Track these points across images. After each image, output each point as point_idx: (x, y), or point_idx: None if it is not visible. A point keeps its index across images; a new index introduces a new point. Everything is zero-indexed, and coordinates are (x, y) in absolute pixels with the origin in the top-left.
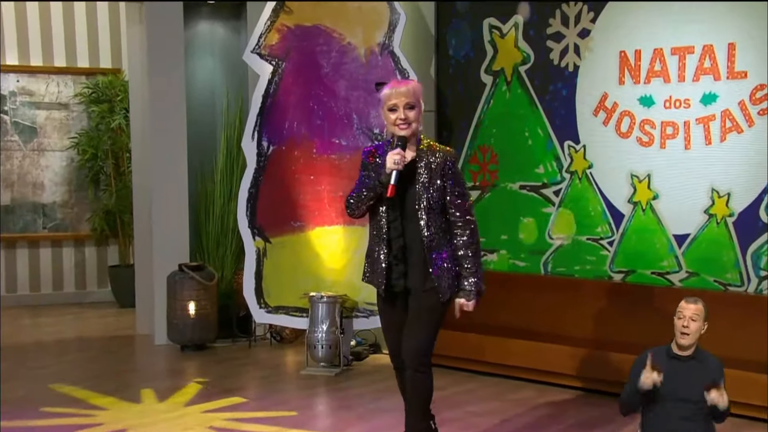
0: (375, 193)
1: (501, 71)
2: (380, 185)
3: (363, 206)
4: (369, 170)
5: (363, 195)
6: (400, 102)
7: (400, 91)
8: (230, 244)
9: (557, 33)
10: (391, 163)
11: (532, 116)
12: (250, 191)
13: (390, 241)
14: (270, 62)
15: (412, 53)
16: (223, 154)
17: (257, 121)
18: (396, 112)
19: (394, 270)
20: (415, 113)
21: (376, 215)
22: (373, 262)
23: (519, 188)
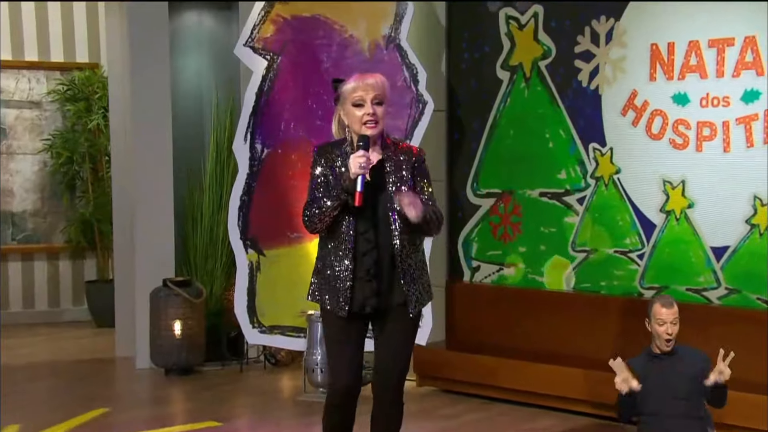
0: (340, 201)
1: (519, 66)
2: (345, 193)
3: (327, 218)
4: (325, 172)
5: (326, 206)
6: (367, 96)
7: (368, 83)
8: (220, 257)
9: (580, 24)
10: (356, 167)
11: (553, 116)
12: (242, 199)
13: (359, 255)
14: (264, 57)
15: (420, 47)
16: (212, 158)
17: (250, 122)
18: (363, 108)
19: (361, 289)
20: (383, 110)
21: (338, 226)
22: (331, 280)
23: (539, 196)
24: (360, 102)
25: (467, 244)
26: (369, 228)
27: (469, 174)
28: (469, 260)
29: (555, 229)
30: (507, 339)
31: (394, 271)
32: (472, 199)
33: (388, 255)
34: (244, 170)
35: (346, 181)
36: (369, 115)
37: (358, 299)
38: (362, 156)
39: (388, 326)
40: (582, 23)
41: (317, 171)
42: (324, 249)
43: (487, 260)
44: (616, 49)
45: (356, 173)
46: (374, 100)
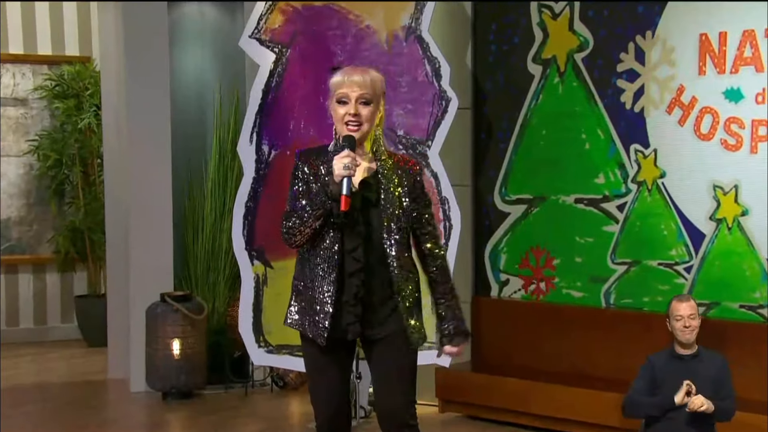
0: (324, 209)
1: (552, 60)
2: (328, 198)
3: (308, 230)
4: (308, 179)
5: (307, 215)
6: (352, 93)
7: (354, 79)
8: (223, 270)
9: (620, 13)
10: (341, 168)
11: (590, 114)
12: (248, 205)
13: (345, 276)
14: (272, 49)
15: (444, 38)
16: (214, 161)
17: (256, 121)
18: (346, 106)
19: (345, 313)
20: (370, 111)
21: (322, 242)
22: (312, 303)
23: (574, 202)
24: (344, 99)
25: (495, 256)
26: (358, 245)
27: (496, 178)
28: (497, 273)
29: (592, 239)
30: (539, 360)
31: (386, 294)
32: (500, 205)
33: (380, 278)
34: (249, 174)
35: (329, 186)
36: (351, 115)
37: (341, 325)
38: (347, 156)
39: (382, 357)
40: (622, 12)
41: (298, 178)
42: (305, 268)
43: (517, 273)
44: (660, 43)
45: (341, 175)
46: (360, 99)
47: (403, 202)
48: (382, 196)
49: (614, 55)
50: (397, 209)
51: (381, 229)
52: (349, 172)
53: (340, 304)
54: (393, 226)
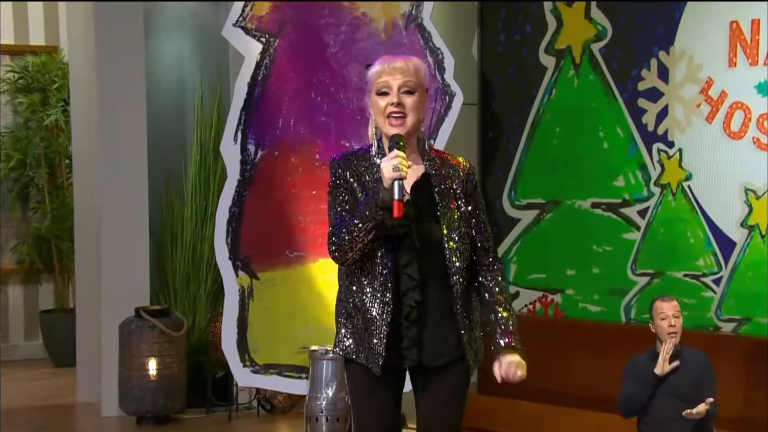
0: (375, 221)
1: (567, 50)
2: (379, 208)
3: (359, 245)
4: (352, 187)
5: (357, 228)
6: (393, 81)
7: (396, 65)
8: (205, 282)
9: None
10: (391, 170)
11: (609, 110)
12: (232, 211)
13: (400, 294)
14: (258, 39)
15: (447, 27)
16: (195, 162)
17: (241, 118)
18: (387, 96)
19: (399, 337)
20: (415, 101)
21: (373, 259)
22: (367, 326)
23: (591, 207)
24: (385, 89)
25: (504, 265)
26: (412, 260)
27: (506, 180)
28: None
29: (611, 247)
30: (553, 381)
31: (444, 315)
32: (509, 210)
33: (437, 294)
34: (234, 176)
35: (379, 194)
36: (393, 105)
37: (396, 350)
38: (396, 156)
39: (434, 383)
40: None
41: (341, 186)
42: (352, 287)
43: (528, 285)
44: (687, 32)
45: (391, 178)
46: (403, 88)
47: (460, 206)
48: (437, 201)
49: (635, 46)
50: (456, 212)
51: (439, 238)
52: (400, 174)
53: (395, 327)
54: (453, 234)
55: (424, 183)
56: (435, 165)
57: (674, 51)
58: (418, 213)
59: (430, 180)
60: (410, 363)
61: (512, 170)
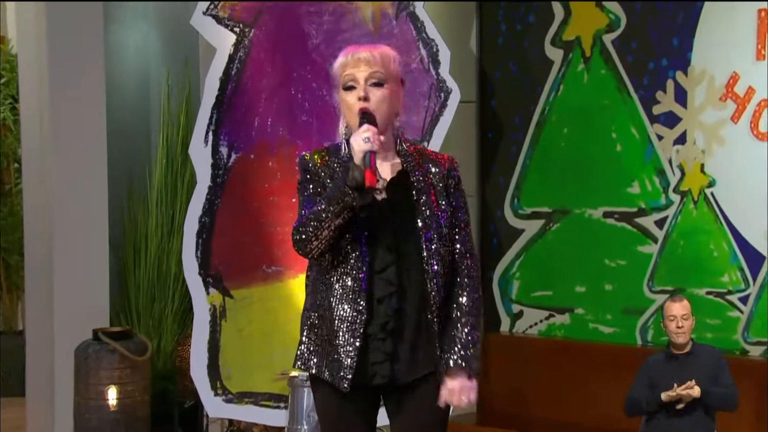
0: (344, 202)
1: (576, 42)
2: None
3: (326, 232)
4: (323, 181)
5: (326, 209)
6: (359, 73)
7: (360, 56)
8: (171, 300)
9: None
10: (360, 141)
11: (622, 108)
12: (202, 221)
13: (374, 301)
14: (232, 29)
15: (443, 16)
16: (161, 166)
17: (212, 117)
18: (354, 91)
19: (372, 351)
20: (385, 94)
21: (344, 262)
22: (332, 338)
23: (603, 216)
24: (351, 83)
25: (506, 282)
26: (389, 263)
27: (507, 187)
28: (508, 304)
29: (625, 261)
30: (561, 410)
31: (421, 326)
32: (512, 220)
33: (415, 303)
34: (204, 182)
35: (349, 172)
36: (360, 100)
37: (366, 366)
38: (367, 129)
39: (410, 404)
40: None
41: (310, 180)
42: (320, 293)
43: (533, 304)
44: (711, 21)
45: (362, 149)
46: (370, 80)
47: (441, 204)
48: (414, 198)
49: (652, 36)
50: (436, 210)
51: (417, 240)
52: (371, 146)
53: (366, 339)
54: (432, 234)
55: (400, 180)
56: (413, 161)
57: (696, 42)
58: (396, 212)
59: (408, 177)
60: (381, 380)
61: (515, 176)
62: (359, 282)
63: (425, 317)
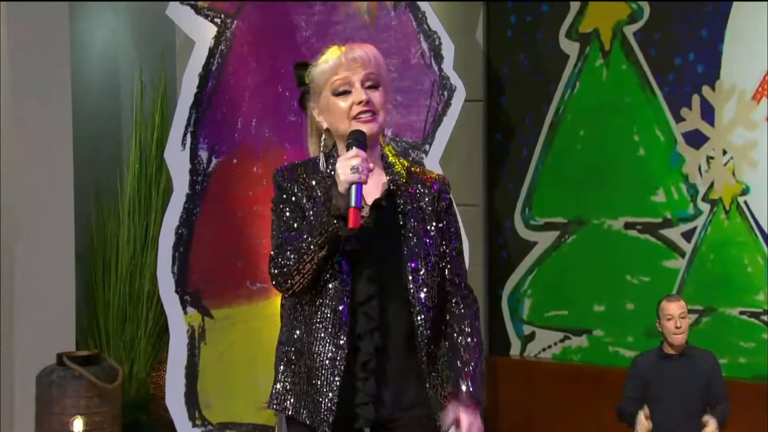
0: (328, 233)
1: (594, 34)
2: (333, 217)
3: (308, 265)
4: (300, 202)
5: (306, 242)
6: (355, 76)
7: (355, 55)
8: (144, 321)
9: None
10: (348, 171)
11: (646, 107)
12: (179, 233)
13: (356, 336)
14: (212, 20)
15: (447, 6)
16: (133, 172)
17: (191, 117)
18: (350, 95)
19: (354, 390)
20: (383, 98)
21: (323, 294)
22: (310, 377)
23: (624, 227)
24: (345, 87)
25: (516, 301)
26: (372, 295)
27: (518, 195)
28: (518, 324)
29: (649, 278)
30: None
31: (409, 368)
32: (523, 232)
33: (401, 340)
34: (181, 189)
35: (333, 200)
36: (361, 104)
37: (348, 407)
38: (356, 156)
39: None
40: None
41: (287, 201)
42: (296, 330)
43: (546, 325)
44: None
45: (349, 180)
46: (366, 82)
47: (429, 227)
48: (401, 223)
49: (678, 29)
50: (425, 236)
51: (402, 269)
52: (359, 177)
53: (347, 377)
54: (419, 264)
55: (385, 200)
56: (400, 179)
57: (727, 34)
58: (379, 237)
59: (395, 198)
60: (364, 424)
61: (526, 182)
62: (339, 315)
63: (413, 356)
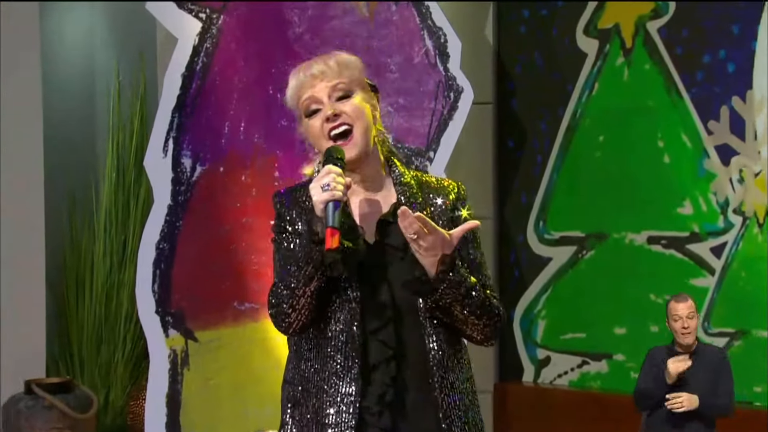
0: (313, 260)
1: (614, 30)
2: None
3: (302, 300)
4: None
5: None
6: (320, 92)
7: (313, 71)
8: (122, 344)
9: None
10: (319, 191)
11: (671, 111)
12: (160, 248)
13: (370, 367)
14: (197, 15)
15: (454, 1)
16: (110, 181)
17: (173, 122)
18: (318, 114)
19: (369, 426)
20: (357, 106)
21: (332, 322)
22: (320, 413)
23: (647, 242)
24: (314, 106)
25: (529, 322)
26: (385, 323)
27: (531, 206)
28: (532, 348)
29: None
30: None
31: (425, 397)
32: (536, 247)
33: (418, 368)
34: (163, 201)
35: (314, 226)
36: (329, 120)
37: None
38: (327, 173)
39: None
40: None
41: (286, 231)
42: (303, 364)
43: (562, 348)
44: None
45: (322, 200)
46: (333, 94)
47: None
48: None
49: (707, 24)
50: None
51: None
52: (332, 194)
53: (360, 414)
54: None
55: (394, 216)
56: (409, 191)
57: (762, 29)
58: (389, 257)
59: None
60: None
61: (540, 192)
62: (351, 345)
63: (427, 384)
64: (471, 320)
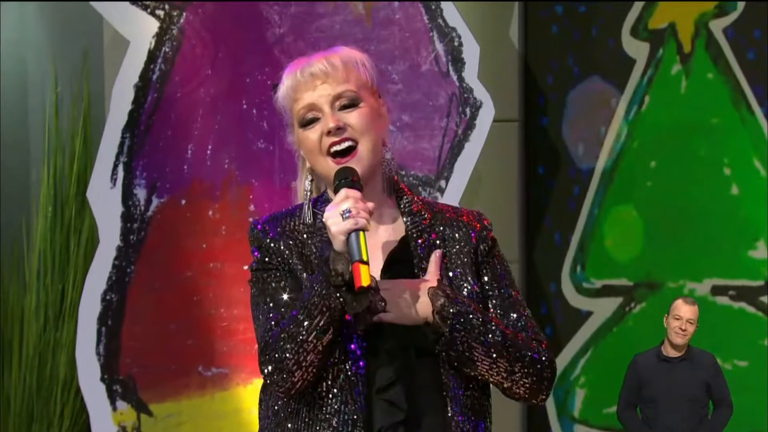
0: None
1: (669, 31)
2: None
3: (311, 354)
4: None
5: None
6: (320, 97)
7: (313, 70)
8: (59, 419)
9: None
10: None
11: (741, 130)
12: (107, 299)
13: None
14: (153, 12)
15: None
16: (44, 217)
17: (124, 144)
18: (319, 123)
19: None
20: (365, 117)
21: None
22: None
23: (711, 293)
24: (312, 114)
25: (564, 392)
26: (394, 379)
27: (566, 248)
28: (568, 424)
29: (746, 362)
30: None
31: None
32: (573, 299)
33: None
34: (110, 241)
35: (330, 264)
36: (330, 134)
37: None
38: (345, 198)
39: None
40: None
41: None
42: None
43: (605, 425)
44: None
45: (342, 231)
46: (337, 102)
47: (464, 282)
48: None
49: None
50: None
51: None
52: (356, 223)
53: None
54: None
55: (403, 253)
56: (421, 221)
57: None
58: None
59: (416, 247)
60: None
61: (577, 231)
62: (353, 407)
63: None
64: (501, 366)
